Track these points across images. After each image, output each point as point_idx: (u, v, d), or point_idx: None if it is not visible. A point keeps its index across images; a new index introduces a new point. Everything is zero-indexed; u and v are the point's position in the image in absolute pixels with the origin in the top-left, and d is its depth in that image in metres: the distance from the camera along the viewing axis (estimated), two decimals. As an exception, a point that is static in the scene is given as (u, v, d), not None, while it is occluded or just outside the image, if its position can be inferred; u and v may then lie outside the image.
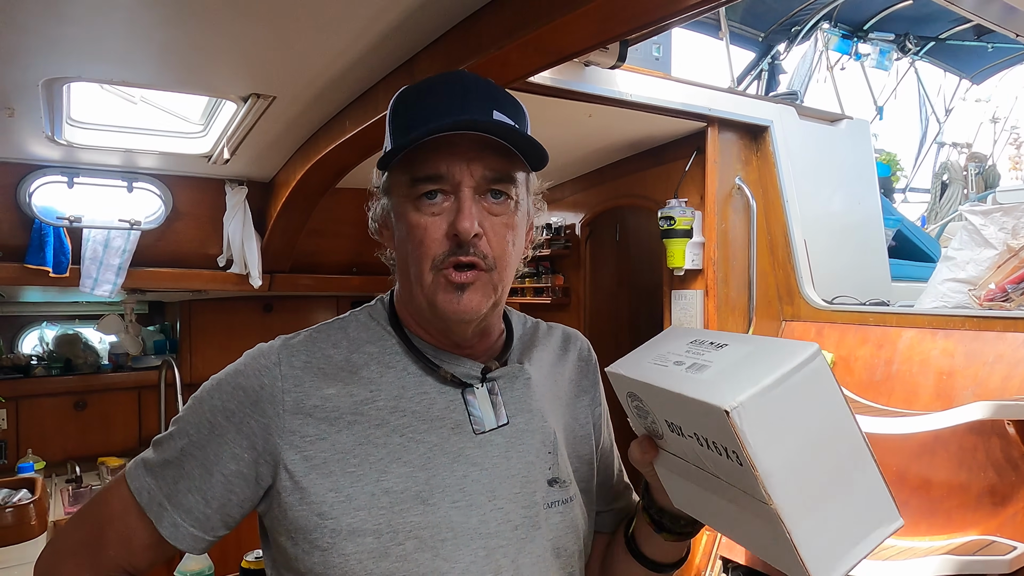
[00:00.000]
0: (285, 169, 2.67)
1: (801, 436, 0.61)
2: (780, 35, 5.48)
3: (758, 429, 0.59)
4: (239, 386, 0.79)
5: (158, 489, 0.79)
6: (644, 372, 0.73)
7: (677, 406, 0.67)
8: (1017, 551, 1.69)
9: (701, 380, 0.65)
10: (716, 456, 0.64)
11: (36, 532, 2.12)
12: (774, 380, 0.60)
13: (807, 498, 0.61)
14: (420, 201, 0.78)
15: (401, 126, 0.80)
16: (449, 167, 0.76)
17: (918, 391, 2.09)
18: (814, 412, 0.62)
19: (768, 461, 0.59)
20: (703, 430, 0.64)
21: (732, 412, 0.58)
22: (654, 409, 0.72)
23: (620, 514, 0.98)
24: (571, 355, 0.98)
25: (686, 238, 2.46)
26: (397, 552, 0.75)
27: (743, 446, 0.59)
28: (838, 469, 0.63)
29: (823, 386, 0.62)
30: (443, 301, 0.78)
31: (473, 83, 0.81)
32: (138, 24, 1.47)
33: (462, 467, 0.80)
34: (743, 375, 0.62)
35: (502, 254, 0.79)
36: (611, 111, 2.24)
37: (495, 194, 0.79)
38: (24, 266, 2.56)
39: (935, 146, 7.27)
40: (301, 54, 1.63)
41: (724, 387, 0.61)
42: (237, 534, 1.28)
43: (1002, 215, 2.20)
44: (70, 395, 3.49)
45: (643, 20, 1.25)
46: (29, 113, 1.95)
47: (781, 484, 0.60)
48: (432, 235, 0.77)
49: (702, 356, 0.69)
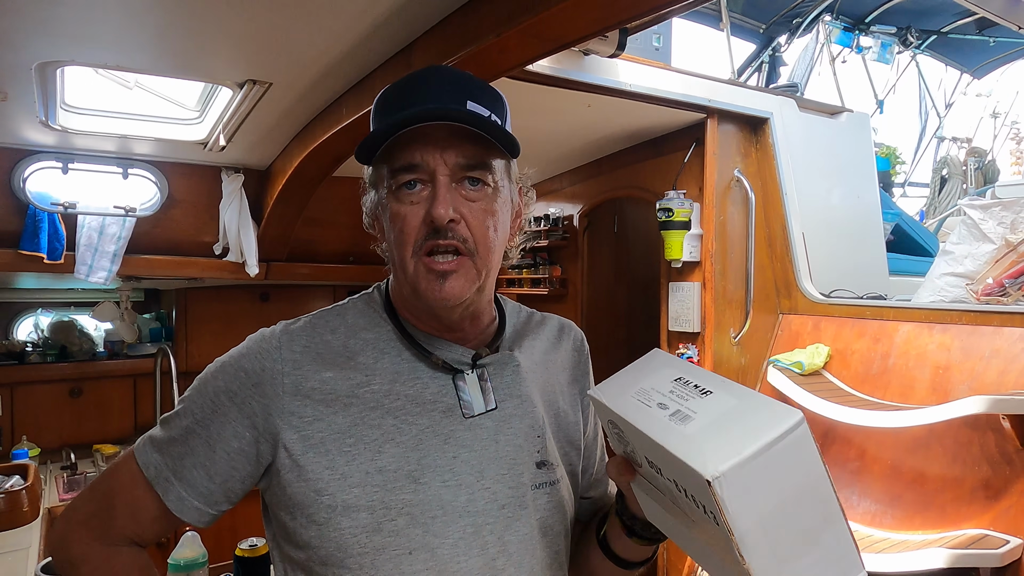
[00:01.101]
0: (282, 157, 2.65)
1: (777, 499, 0.63)
2: (781, 27, 5.45)
3: (738, 496, 0.60)
4: (242, 368, 0.84)
5: (164, 465, 0.84)
6: (627, 408, 0.74)
7: (660, 453, 0.68)
8: (1009, 545, 1.70)
9: (684, 435, 0.66)
10: (692, 505, 0.66)
11: (29, 518, 2.12)
12: (757, 449, 0.61)
13: (778, 556, 0.63)
14: (400, 191, 0.81)
15: (381, 121, 0.83)
16: (423, 156, 0.79)
17: (914, 385, 2.09)
18: (792, 477, 0.63)
19: (744, 524, 0.61)
20: (682, 481, 0.65)
21: (714, 482, 0.59)
22: (635, 444, 0.74)
23: (596, 503, 1.03)
24: (565, 344, 1.02)
25: (684, 230, 2.45)
26: (389, 527, 0.79)
27: (721, 511, 0.60)
28: (810, 527, 0.65)
29: (804, 453, 0.63)
30: (426, 288, 0.81)
31: (449, 75, 0.84)
32: (132, 7, 1.45)
33: (452, 448, 0.83)
34: (727, 438, 0.63)
35: (482, 238, 0.82)
36: (610, 101, 2.23)
37: (472, 181, 0.81)
38: (18, 252, 2.54)
39: (935, 140, 7.26)
40: (297, 40, 1.62)
41: (708, 450, 0.62)
42: (232, 522, 1.28)
43: (1001, 210, 2.19)
44: (65, 382, 3.48)
45: (643, 8, 1.24)
46: (22, 97, 1.93)
47: (754, 545, 0.62)
48: (411, 223, 0.80)
49: (686, 403, 0.69)
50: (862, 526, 2.06)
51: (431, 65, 0.87)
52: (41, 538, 2.10)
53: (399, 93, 0.84)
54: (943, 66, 6.86)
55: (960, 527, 1.85)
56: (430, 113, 0.78)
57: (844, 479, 2.15)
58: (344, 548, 0.78)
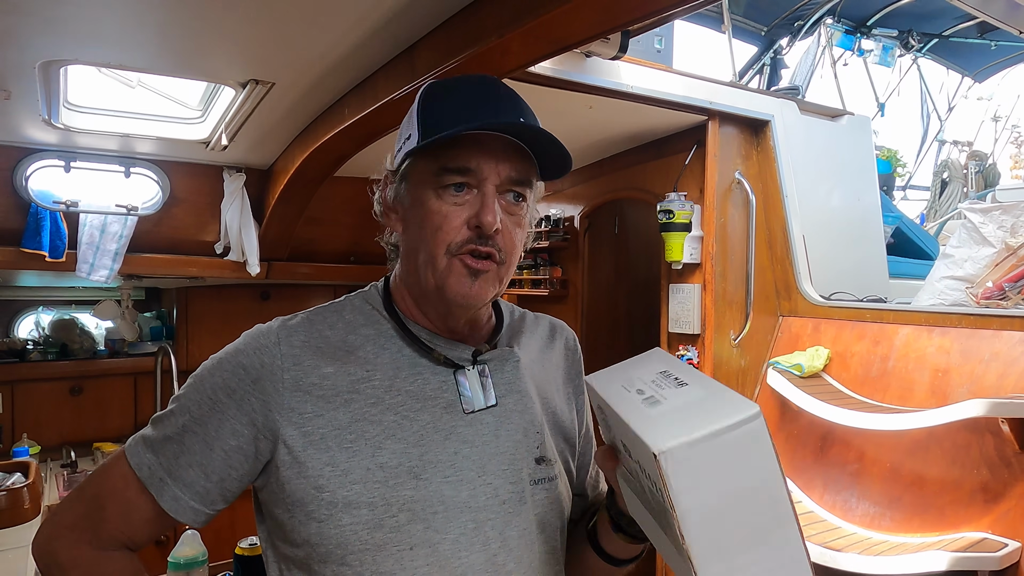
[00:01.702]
0: (283, 156, 2.66)
1: (725, 488, 0.64)
2: (783, 29, 5.46)
3: (682, 475, 0.62)
4: (240, 364, 0.83)
5: (159, 464, 0.82)
6: (610, 392, 0.77)
7: (628, 433, 0.70)
8: (1008, 548, 1.70)
9: (648, 416, 0.69)
10: (651, 487, 0.68)
11: (30, 516, 2.12)
12: (706, 434, 0.63)
13: (721, 547, 0.64)
14: (445, 190, 0.82)
15: (433, 118, 0.83)
16: (480, 163, 0.81)
17: (913, 388, 2.09)
18: (743, 469, 0.64)
19: (686, 504, 0.63)
20: (643, 461, 0.68)
21: (659, 456, 0.62)
22: (614, 428, 0.77)
23: (587, 503, 1.04)
24: (558, 344, 1.03)
25: (685, 232, 2.46)
26: (391, 523, 0.79)
27: (666, 488, 0.62)
28: (758, 526, 0.66)
29: (757, 447, 0.64)
30: (455, 284, 0.82)
31: (504, 89, 0.86)
32: (135, 6, 1.46)
33: (453, 444, 0.84)
34: (684, 421, 0.65)
35: (511, 251, 0.85)
36: (612, 103, 2.23)
37: (515, 196, 0.84)
38: (20, 250, 2.55)
39: (936, 144, 7.26)
40: (300, 40, 1.62)
41: (662, 429, 0.65)
42: (232, 521, 1.28)
43: (1001, 213, 2.20)
44: (66, 380, 3.49)
45: (645, 10, 1.24)
46: (25, 96, 1.94)
47: (696, 527, 0.63)
48: (452, 222, 0.81)
49: (661, 391, 0.72)
50: (861, 528, 2.07)
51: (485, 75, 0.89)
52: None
53: (451, 93, 0.85)
54: (944, 69, 6.87)
55: (959, 530, 1.85)
56: (503, 125, 0.81)
57: (843, 481, 2.15)
58: (345, 545, 0.78)
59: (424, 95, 0.86)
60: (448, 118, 0.81)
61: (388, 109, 1.76)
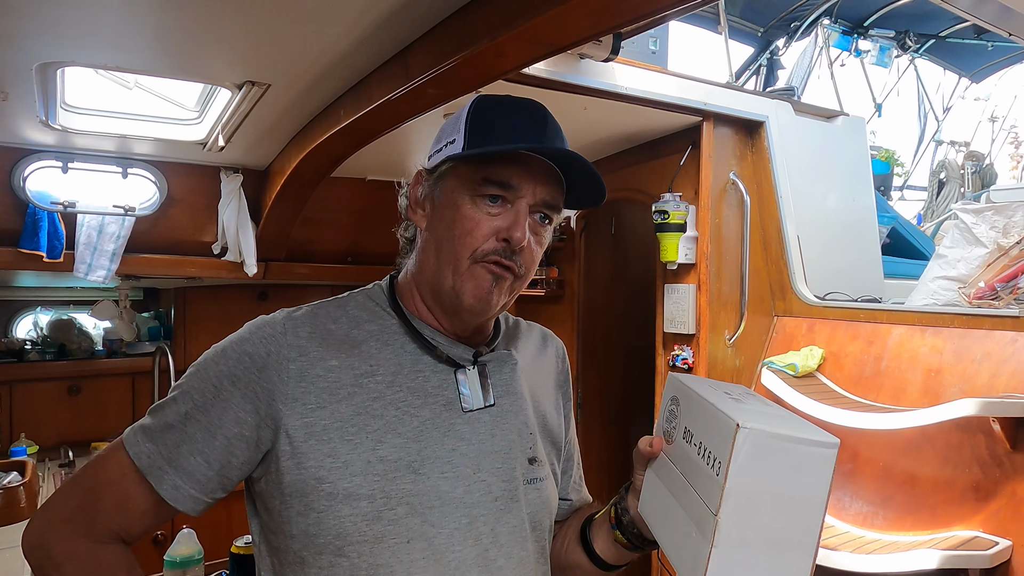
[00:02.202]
0: (280, 157, 2.66)
1: (775, 491, 0.69)
2: (779, 30, 5.47)
3: (750, 456, 0.67)
4: (245, 352, 0.84)
5: (158, 453, 0.82)
6: (699, 387, 0.83)
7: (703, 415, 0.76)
8: (999, 547, 1.71)
9: (736, 405, 0.74)
10: (704, 466, 0.72)
11: (26, 514, 2.13)
12: (789, 436, 0.68)
13: (742, 536, 0.68)
14: (481, 199, 0.85)
15: (481, 129, 0.87)
16: (521, 181, 0.85)
17: (906, 387, 2.10)
18: (798, 483, 0.69)
19: (737, 482, 0.67)
20: (709, 438, 0.73)
21: (741, 429, 0.67)
22: (683, 415, 0.82)
23: (573, 506, 1.08)
24: (549, 351, 1.08)
25: (680, 232, 2.47)
26: (389, 516, 0.80)
27: (729, 460, 0.67)
28: (782, 540, 0.69)
29: (821, 473, 0.69)
30: (472, 288, 0.85)
31: (551, 118, 0.91)
32: (132, 8, 1.46)
33: (451, 441, 0.86)
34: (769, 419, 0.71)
35: (529, 268, 0.89)
36: (606, 104, 2.24)
37: (543, 217, 0.88)
38: (18, 250, 2.55)
39: (933, 144, 7.27)
40: (296, 42, 1.63)
41: (749, 415, 0.70)
42: (229, 519, 1.29)
43: (993, 214, 2.21)
44: (64, 380, 3.49)
45: (637, 12, 1.24)
46: (23, 97, 1.94)
47: (734, 507, 0.67)
48: (482, 230, 0.85)
49: (749, 399, 0.79)
50: (853, 527, 2.08)
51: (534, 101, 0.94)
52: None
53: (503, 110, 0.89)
54: (941, 70, 6.88)
55: (950, 528, 1.87)
56: (556, 151, 0.86)
57: (837, 480, 2.14)
58: (343, 536, 0.79)
59: (475, 105, 0.90)
60: (499, 133, 0.85)
61: (383, 110, 1.77)
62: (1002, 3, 1.72)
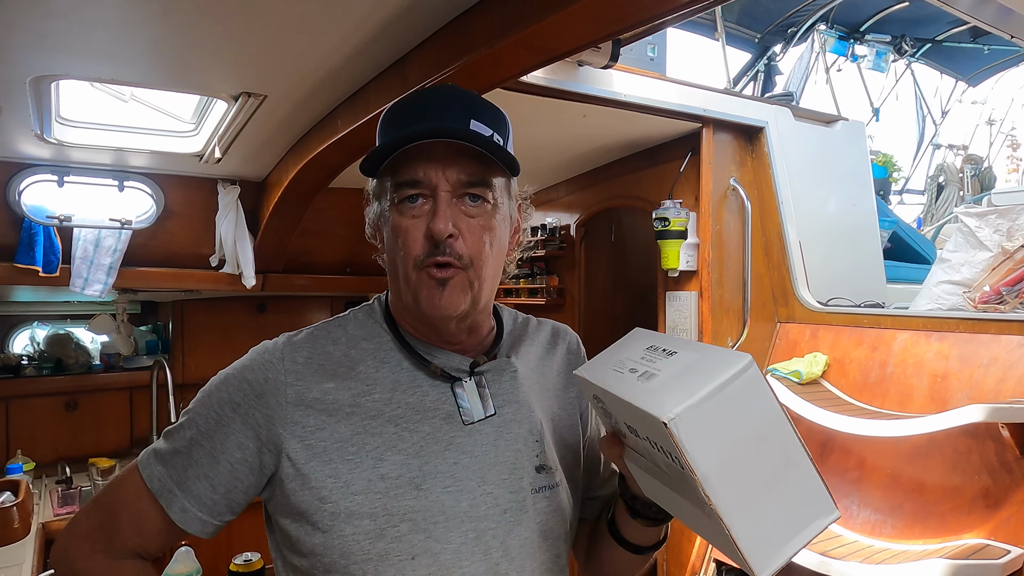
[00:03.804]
0: (277, 169, 2.65)
1: (736, 440, 0.67)
2: (776, 36, 5.48)
3: (694, 437, 0.64)
4: (245, 380, 0.85)
5: (168, 476, 0.85)
6: (603, 378, 0.79)
7: (630, 412, 0.72)
8: (1011, 555, 1.68)
9: (648, 389, 0.71)
10: (665, 459, 0.70)
11: (20, 535, 2.10)
12: (708, 391, 0.65)
13: (744, 496, 0.66)
14: (403, 205, 0.84)
15: (382, 136, 0.87)
16: (426, 172, 0.82)
17: (912, 393, 2.08)
18: (748, 418, 0.67)
19: (705, 465, 0.64)
20: (652, 435, 0.69)
21: (669, 423, 0.63)
22: (614, 412, 0.79)
23: (605, 501, 1.04)
24: (560, 348, 1.04)
25: (681, 239, 2.45)
26: (392, 533, 0.80)
27: (682, 453, 0.64)
28: (774, 469, 0.68)
29: (757, 394, 0.67)
30: (425, 298, 0.84)
31: (453, 94, 0.86)
32: (126, 20, 1.45)
33: (453, 455, 0.85)
34: (682, 386, 0.67)
35: (478, 253, 0.84)
36: (605, 111, 2.23)
37: (472, 197, 0.84)
38: (14, 265, 2.54)
39: (931, 148, 7.28)
40: (292, 53, 1.62)
41: (665, 398, 0.67)
42: (228, 538, 1.27)
43: (997, 217, 2.19)
44: (61, 395, 3.46)
45: (635, 19, 1.23)
46: (17, 111, 1.93)
47: (719, 485, 0.65)
48: (413, 236, 0.83)
49: (653, 364, 0.75)
50: (862, 536, 2.05)
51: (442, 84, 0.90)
52: (34, 554, 2.08)
53: (405, 109, 0.86)
54: (938, 74, 6.90)
55: (960, 537, 1.84)
56: (433, 131, 0.80)
57: (843, 489, 2.13)
58: (348, 555, 0.80)
59: (384, 113, 0.88)
60: (395, 132, 0.83)
61: (380, 121, 1.76)
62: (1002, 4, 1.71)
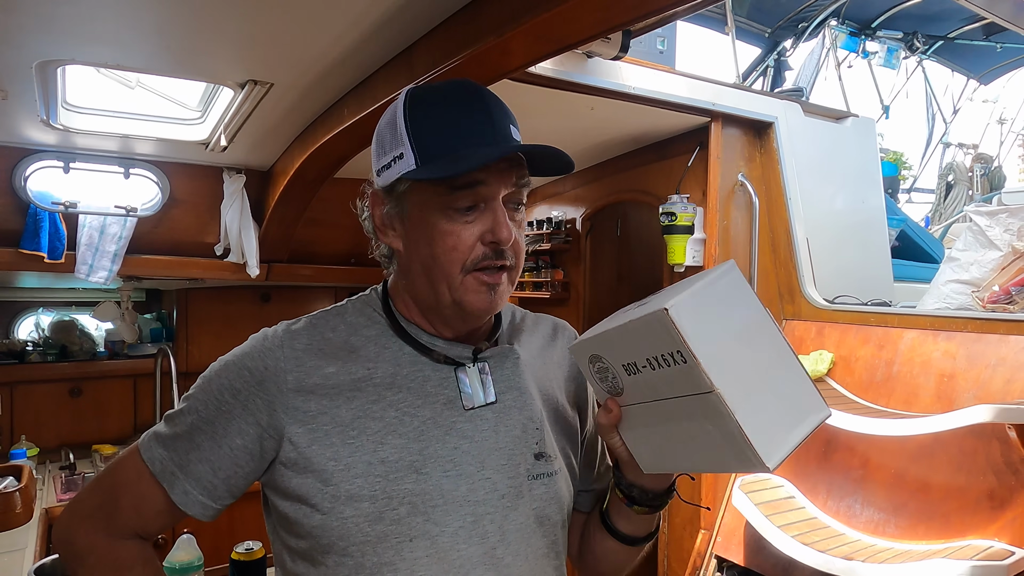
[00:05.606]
0: (283, 158, 2.64)
1: (730, 332, 0.73)
2: (787, 31, 5.44)
3: (693, 322, 0.69)
4: (245, 367, 0.86)
5: (170, 459, 0.87)
6: (596, 330, 0.84)
7: (628, 340, 0.77)
8: (1016, 556, 1.67)
9: (643, 306, 0.77)
10: (667, 371, 0.73)
11: (22, 520, 2.10)
12: (699, 287, 0.73)
13: (743, 385, 0.71)
14: (455, 212, 0.83)
15: (427, 136, 0.83)
16: (489, 182, 0.83)
17: (919, 393, 2.06)
18: (738, 312, 0.74)
19: (705, 349, 0.69)
20: (652, 349, 0.74)
21: (670, 309, 0.69)
22: (611, 359, 0.81)
23: (599, 495, 1.05)
24: (560, 342, 1.06)
25: (687, 234, 2.44)
26: (391, 516, 0.82)
27: (683, 339, 0.69)
28: (767, 363, 0.74)
29: (743, 294, 0.75)
30: (474, 299, 0.85)
31: (491, 99, 0.86)
32: (133, 5, 1.44)
33: (453, 439, 0.86)
34: (675, 291, 0.74)
35: (520, 254, 0.88)
36: (613, 104, 2.21)
37: (516, 204, 0.87)
38: (19, 251, 2.54)
39: (941, 146, 7.23)
40: (299, 41, 1.61)
41: (661, 302, 0.72)
42: (230, 526, 1.27)
43: (1007, 216, 2.17)
44: (65, 382, 3.47)
45: (646, 9, 1.22)
46: (23, 96, 1.92)
47: (719, 370, 0.69)
48: (465, 241, 0.83)
49: (646, 300, 0.82)
50: (865, 535, 2.04)
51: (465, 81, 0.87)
52: (38, 539, 2.09)
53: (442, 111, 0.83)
54: (949, 71, 6.84)
55: (965, 537, 1.82)
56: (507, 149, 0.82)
57: (847, 487, 2.12)
58: (346, 536, 0.81)
59: (410, 108, 0.84)
60: (448, 139, 0.82)
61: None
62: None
